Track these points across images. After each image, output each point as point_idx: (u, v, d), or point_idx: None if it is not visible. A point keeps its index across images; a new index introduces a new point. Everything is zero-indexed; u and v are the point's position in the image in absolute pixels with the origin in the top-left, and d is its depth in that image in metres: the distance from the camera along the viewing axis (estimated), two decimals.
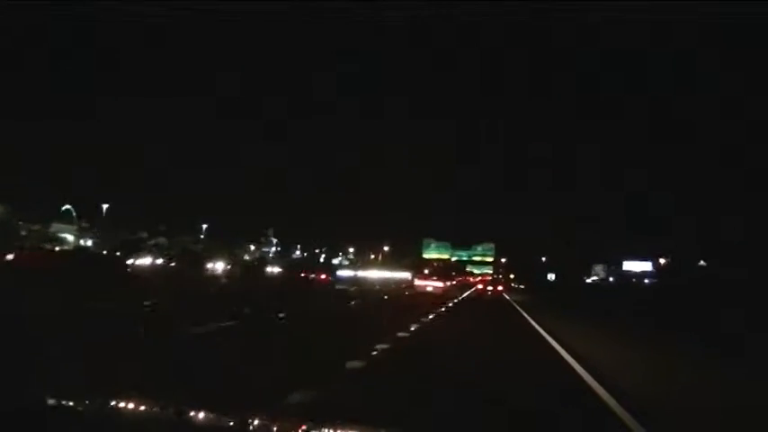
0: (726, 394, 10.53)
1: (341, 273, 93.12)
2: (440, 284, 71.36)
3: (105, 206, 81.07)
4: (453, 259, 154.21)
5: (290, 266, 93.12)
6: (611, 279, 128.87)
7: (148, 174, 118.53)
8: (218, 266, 79.37)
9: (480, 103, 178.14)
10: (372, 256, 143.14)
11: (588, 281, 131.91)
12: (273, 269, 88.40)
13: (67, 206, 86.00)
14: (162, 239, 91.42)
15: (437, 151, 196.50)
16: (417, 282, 77.04)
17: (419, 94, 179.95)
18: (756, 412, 9.08)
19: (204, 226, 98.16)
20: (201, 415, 3.37)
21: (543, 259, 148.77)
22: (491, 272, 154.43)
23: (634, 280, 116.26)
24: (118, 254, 60.60)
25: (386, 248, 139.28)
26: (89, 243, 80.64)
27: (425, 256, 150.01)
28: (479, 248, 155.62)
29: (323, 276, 79.54)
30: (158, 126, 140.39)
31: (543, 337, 19.45)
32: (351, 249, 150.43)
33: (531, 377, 11.49)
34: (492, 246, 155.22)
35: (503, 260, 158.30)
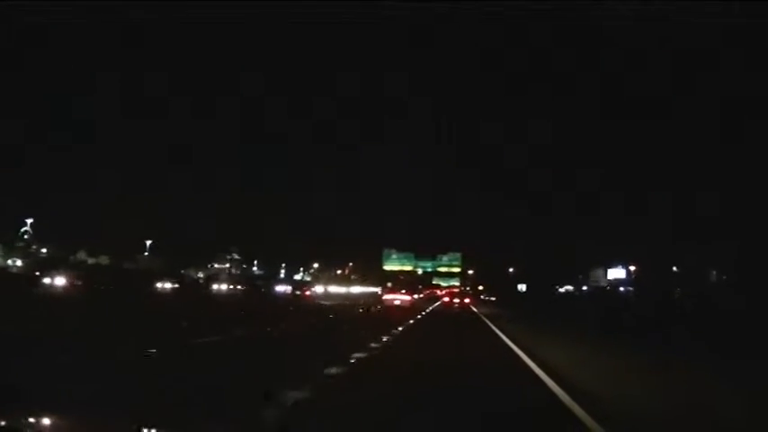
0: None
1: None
2: (407, 298, 72.45)
3: (29, 221, 73.66)
4: (418, 271, 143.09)
5: (252, 282, 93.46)
6: (584, 288, 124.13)
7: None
8: (167, 285, 76.53)
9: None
10: (339, 272, 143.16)
11: (561, 290, 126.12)
12: (222, 286, 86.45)
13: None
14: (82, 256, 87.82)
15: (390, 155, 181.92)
16: (386, 296, 78.34)
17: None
18: None
19: (148, 242, 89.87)
20: None
21: (511, 270, 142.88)
22: (458, 284, 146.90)
23: (608, 288, 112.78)
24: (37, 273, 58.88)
25: (351, 264, 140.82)
26: (18, 263, 78.06)
27: (387, 267, 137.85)
28: (445, 259, 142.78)
29: (308, 293, 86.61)
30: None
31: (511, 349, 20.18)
32: (315, 265, 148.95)
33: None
34: (458, 255, 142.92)
35: (470, 272, 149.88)
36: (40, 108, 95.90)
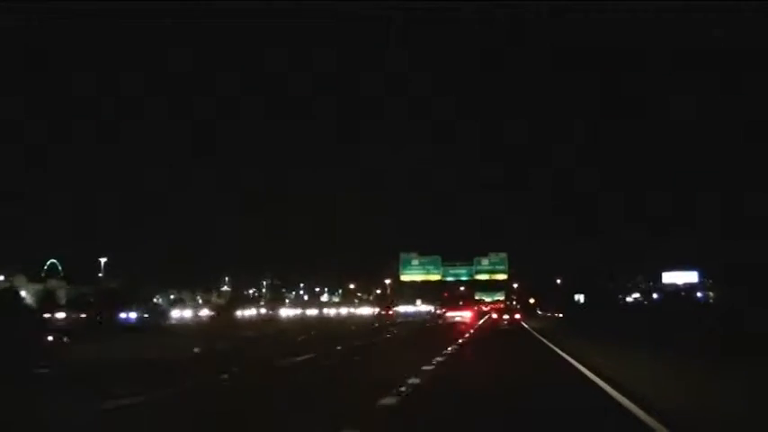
0: None
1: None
2: (468, 314, 76.01)
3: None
4: (448, 280, 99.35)
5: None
6: (654, 296, 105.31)
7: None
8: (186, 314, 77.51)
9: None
10: (378, 291, 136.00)
11: (629, 299, 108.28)
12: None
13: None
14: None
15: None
16: (448, 313, 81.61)
17: None
18: None
19: (103, 260, 72.99)
20: None
21: (559, 281, 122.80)
22: (503, 298, 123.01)
23: (683, 294, 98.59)
24: None
25: (387, 281, 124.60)
26: None
27: (405, 277, 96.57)
28: (485, 263, 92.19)
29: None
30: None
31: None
32: (351, 285, 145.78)
33: None
34: (503, 257, 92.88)
35: (514, 285, 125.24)
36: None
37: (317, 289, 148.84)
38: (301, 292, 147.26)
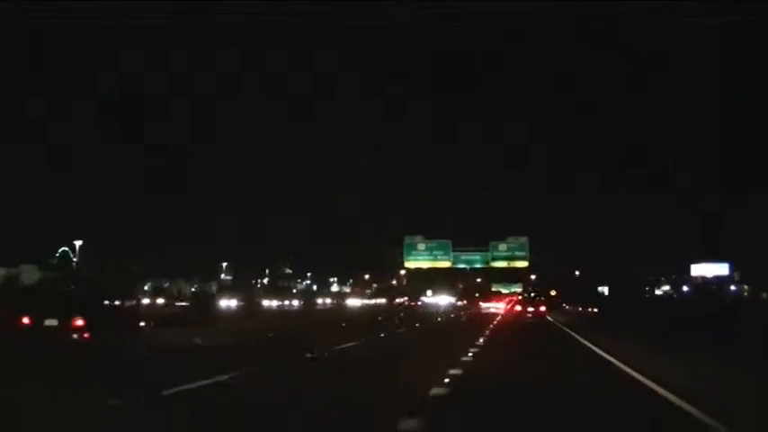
0: None
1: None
2: (501, 305, 77.51)
3: None
4: (460, 267, 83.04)
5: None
6: (684, 288, 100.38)
7: None
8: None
9: None
10: (394, 282, 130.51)
11: (658, 293, 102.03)
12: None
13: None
14: None
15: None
16: (482, 304, 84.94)
17: None
18: None
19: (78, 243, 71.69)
20: None
21: (578, 273, 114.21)
22: (521, 290, 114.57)
23: (715, 287, 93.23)
24: None
25: (402, 272, 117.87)
26: None
27: (409, 264, 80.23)
28: (503, 248, 74.82)
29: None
30: None
31: None
32: (366, 276, 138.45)
33: None
34: (524, 241, 75.31)
35: (531, 276, 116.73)
36: None
37: (332, 279, 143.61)
38: (308, 281, 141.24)
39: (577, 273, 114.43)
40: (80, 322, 20.60)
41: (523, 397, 11.70)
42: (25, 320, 21.37)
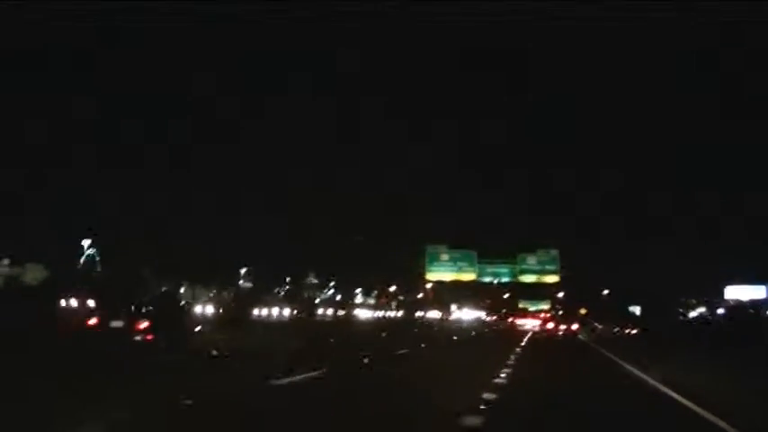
0: None
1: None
2: (537, 322, 76.14)
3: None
4: (485, 281, 76.05)
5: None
6: (719, 311, 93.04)
7: None
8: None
9: None
10: (421, 295, 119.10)
11: (693, 315, 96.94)
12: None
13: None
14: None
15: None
16: (518, 321, 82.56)
17: None
18: None
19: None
20: None
21: (606, 291, 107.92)
22: (548, 307, 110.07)
23: (752, 311, 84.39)
24: None
25: (428, 286, 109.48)
26: None
27: (432, 276, 74.90)
28: (531, 260, 69.46)
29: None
30: None
31: None
32: (392, 288, 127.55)
33: None
34: (555, 255, 70.32)
35: (558, 294, 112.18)
36: None
37: (357, 290, 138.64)
38: (331, 291, 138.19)
39: (606, 292, 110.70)
40: (144, 324, 21.79)
41: None
42: (92, 321, 22.62)
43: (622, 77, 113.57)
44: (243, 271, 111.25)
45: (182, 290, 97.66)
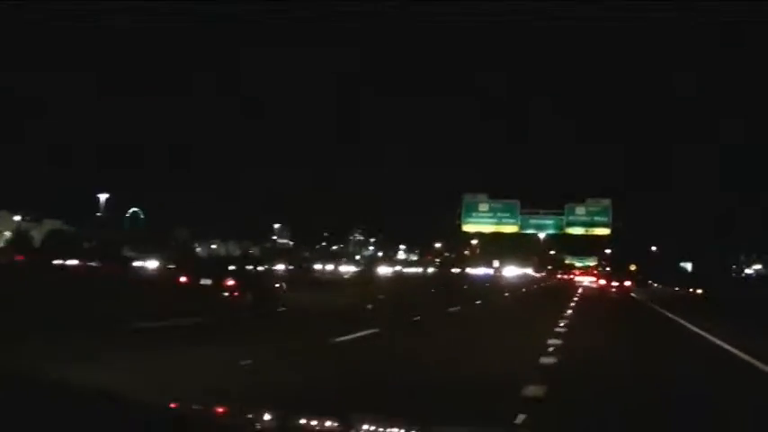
0: None
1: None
2: (591, 279, 77.09)
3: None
4: (528, 233, 65.60)
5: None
6: None
7: None
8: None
9: None
10: (467, 252, 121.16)
11: (749, 271, 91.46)
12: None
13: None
14: None
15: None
16: (577, 278, 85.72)
17: None
18: None
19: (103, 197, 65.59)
20: None
21: (654, 248, 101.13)
22: (595, 264, 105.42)
23: None
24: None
25: (474, 242, 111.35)
26: None
27: (469, 228, 61.68)
28: (580, 211, 57.41)
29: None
30: None
31: None
32: (438, 245, 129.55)
33: None
34: (607, 204, 57.50)
35: (606, 250, 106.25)
36: None
37: (402, 246, 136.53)
38: (372, 248, 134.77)
39: (654, 248, 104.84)
40: (231, 282, 23.05)
41: None
42: (183, 279, 24.71)
43: None
44: (277, 226, 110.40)
45: (213, 246, 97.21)
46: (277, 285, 27.80)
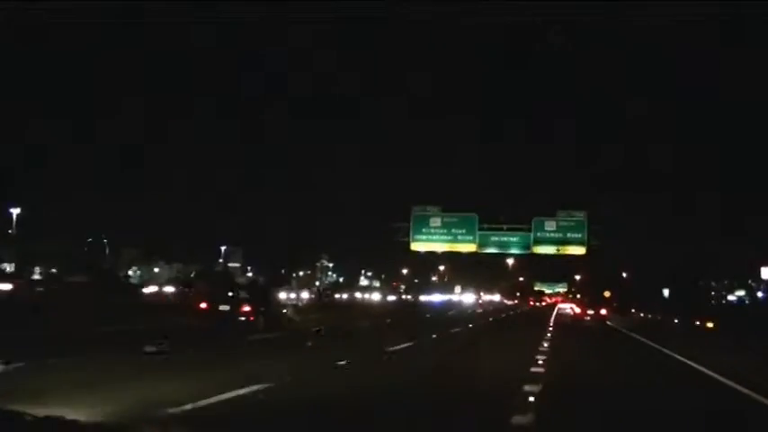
0: None
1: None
2: (578, 309, 72.81)
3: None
4: (489, 252, 48.44)
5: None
6: (759, 294, 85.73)
7: None
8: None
9: None
10: (434, 279, 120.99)
11: (732, 298, 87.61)
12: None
13: None
14: None
15: None
16: (560, 305, 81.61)
17: None
18: None
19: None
20: None
21: (625, 274, 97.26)
22: (565, 290, 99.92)
23: None
24: None
25: (441, 268, 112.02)
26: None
27: (417, 246, 46.03)
28: (550, 226, 44.54)
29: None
30: None
31: None
32: (404, 270, 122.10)
33: None
34: (581, 218, 44.48)
35: (575, 276, 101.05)
36: None
37: (368, 273, 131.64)
38: (333, 275, 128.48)
39: (624, 274, 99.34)
40: (247, 308, 26.74)
41: None
42: (203, 305, 28.03)
43: None
44: (224, 249, 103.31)
45: (156, 270, 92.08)
46: (284, 310, 31.08)
